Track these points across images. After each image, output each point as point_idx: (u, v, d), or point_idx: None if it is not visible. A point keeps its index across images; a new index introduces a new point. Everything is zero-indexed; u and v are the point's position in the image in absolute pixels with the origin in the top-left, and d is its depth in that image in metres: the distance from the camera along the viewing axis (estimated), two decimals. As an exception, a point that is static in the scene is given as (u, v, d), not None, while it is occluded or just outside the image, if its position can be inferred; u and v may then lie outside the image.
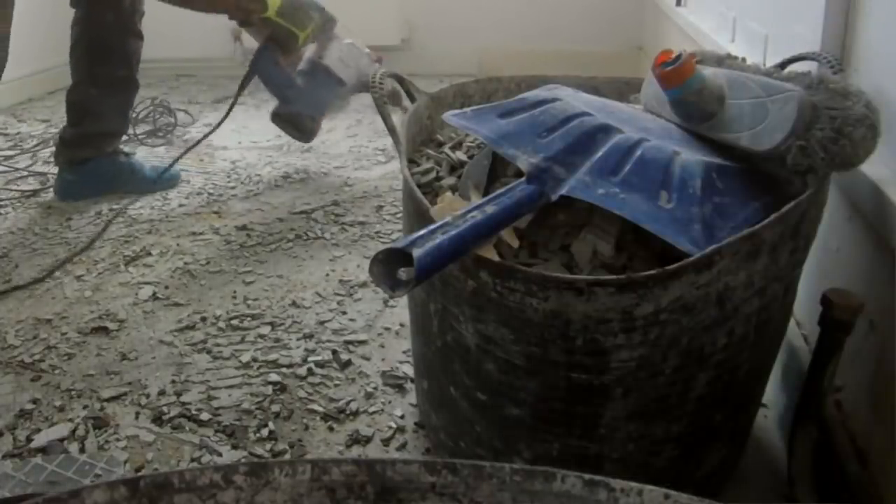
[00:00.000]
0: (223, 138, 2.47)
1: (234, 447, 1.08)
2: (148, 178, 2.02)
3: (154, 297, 1.49)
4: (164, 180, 2.05)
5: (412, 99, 1.12)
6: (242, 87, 1.99)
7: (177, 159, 2.06)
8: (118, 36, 1.91)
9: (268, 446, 1.08)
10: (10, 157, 2.30)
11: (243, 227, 1.79)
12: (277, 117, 2.04)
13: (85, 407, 1.18)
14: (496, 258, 0.79)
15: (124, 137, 2.35)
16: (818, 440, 0.90)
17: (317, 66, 2.00)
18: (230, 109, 1.99)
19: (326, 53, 2.00)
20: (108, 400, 1.19)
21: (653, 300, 0.73)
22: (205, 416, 1.15)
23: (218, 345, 1.33)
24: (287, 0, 1.85)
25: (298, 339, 1.34)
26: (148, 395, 1.20)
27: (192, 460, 1.07)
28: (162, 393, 1.20)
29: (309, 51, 2.02)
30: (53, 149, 2.03)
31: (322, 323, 1.38)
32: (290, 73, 1.99)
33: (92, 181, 1.98)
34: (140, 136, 2.42)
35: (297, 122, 2.03)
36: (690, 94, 0.89)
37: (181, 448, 1.09)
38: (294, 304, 1.45)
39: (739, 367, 0.83)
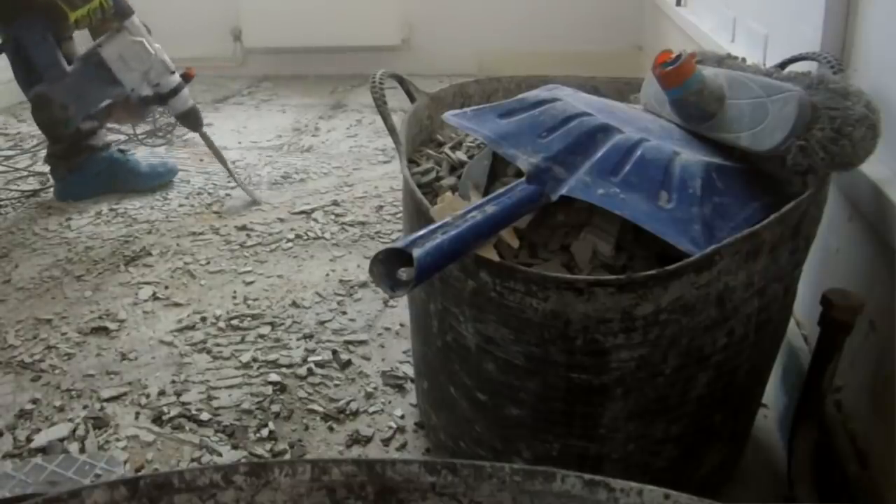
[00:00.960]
0: (223, 138, 2.47)
1: (234, 447, 1.08)
2: (145, 173, 2.02)
3: (154, 297, 1.49)
4: (160, 174, 2.04)
5: (412, 99, 1.12)
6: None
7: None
8: (45, 54, 1.81)
9: (268, 446, 1.08)
10: (10, 157, 2.30)
11: (243, 227, 1.79)
12: (34, 96, 1.80)
13: (85, 407, 1.18)
14: (496, 258, 0.79)
15: (122, 137, 2.36)
16: (818, 440, 0.90)
17: (91, 57, 1.79)
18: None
19: (107, 45, 1.78)
20: (108, 400, 1.19)
21: (653, 300, 0.73)
22: (205, 416, 1.15)
23: (218, 345, 1.33)
24: None
25: (298, 339, 1.33)
26: (148, 395, 1.20)
27: (192, 460, 1.07)
28: (162, 393, 1.20)
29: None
30: (48, 166, 2.01)
31: (322, 323, 1.38)
32: (57, 52, 1.78)
33: (91, 180, 1.98)
34: (140, 136, 2.42)
35: (46, 105, 1.77)
36: (690, 94, 0.89)
37: (181, 448, 1.09)
38: (294, 304, 1.45)
39: (739, 367, 0.83)
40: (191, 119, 1.94)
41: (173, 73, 1.87)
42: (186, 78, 1.90)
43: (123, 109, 1.89)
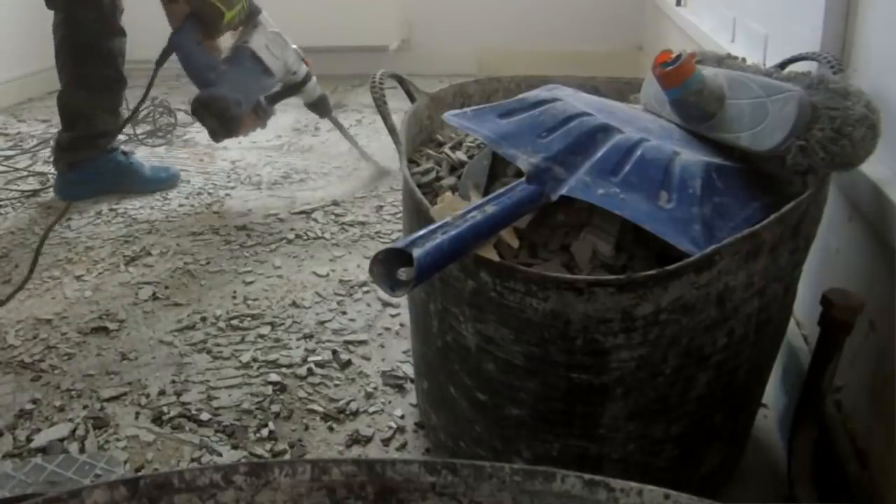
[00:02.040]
0: (223, 138, 2.47)
1: (234, 447, 1.08)
2: (147, 178, 2.02)
3: (154, 297, 1.49)
4: (162, 180, 2.05)
5: (412, 99, 1.12)
6: (159, 64, 1.82)
7: (124, 123, 1.95)
8: (100, 35, 1.89)
9: (268, 446, 1.08)
10: (10, 157, 2.30)
11: (243, 227, 1.79)
12: (199, 103, 1.79)
13: (85, 407, 1.18)
14: (496, 258, 0.79)
15: (123, 137, 2.36)
16: (818, 440, 0.90)
17: (242, 52, 1.83)
18: (147, 91, 1.86)
19: (252, 39, 1.83)
20: (108, 400, 1.19)
21: (653, 300, 0.73)
22: (205, 416, 1.15)
23: (218, 345, 1.33)
24: None
25: (298, 339, 1.34)
26: (148, 395, 1.20)
27: (192, 460, 1.07)
28: (162, 393, 1.20)
29: (229, 40, 1.87)
30: (52, 154, 2.03)
31: (322, 323, 1.38)
32: (213, 55, 1.81)
33: (92, 180, 1.98)
34: (140, 136, 2.42)
35: (221, 108, 1.77)
36: (690, 94, 0.89)
37: (181, 448, 1.09)
38: (294, 304, 1.45)
39: (739, 367, 0.83)
40: (322, 105, 2.06)
41: (304, 61, 1.96)
42: (308, 65, 2.00)
43: (252, 114, 1.91)
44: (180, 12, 1.78)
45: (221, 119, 1.79)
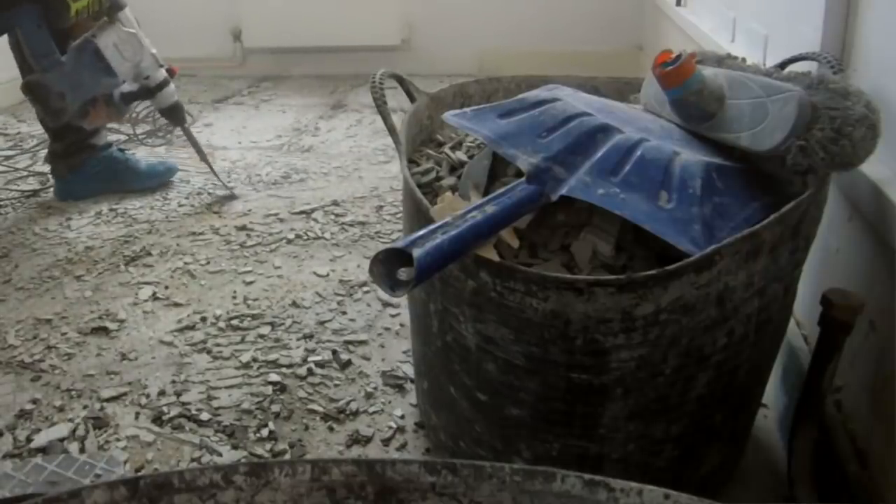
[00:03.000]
0: (223, 138, 2.47)
1: (234, 447, 1.08)
2: (144, 171, 2.02)
3: (154, 297, 1.49)
4: (159, 173, 2.05)
5: (412, 99, 1.12)
6: None
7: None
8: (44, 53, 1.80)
9: (268, 446, 1.08)
10: (10, 157, 2.30)
11: (243, 227, 1.79)
12: (25, 86, 1.78)
13: (85, 407, 1.18)
14: (496, 258, 0.79)
15: (123, 137, 2.36)
16: (818, 440, 0.90)
17: (86, 46, 1.77)
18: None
19: (101, 36, 1.77)
20: (108, 400, 1.19)
21: (653, 300, 0.73)
22: (205, 416, 1.15)
23: (218, 345, 1.33)
24: None
25: (298, 339, 1.33)
26: (148, 395, 1.20)
27: (192, 460, 1.07)
28: (162, 393, 1.20)
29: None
30: (49, 165, 2.02)
31: (322, 323, 1.38)
32: (51, 42, 1.75)
33: (91, 179, 1.98)
34: (140, 136, 2.42)
35: (42, 95, 1.75)
36: (690, 94, 0.89)
37: (181, 448, 1.09)
38: (294, 304, 1.45)
39: (739, 367, 0.83)
40: (175, 113, 1.97)
41: (161, 66, 1.88)
42: (171, 73, 1.91)
43: (103, 109, 1.87)
44: None
45: (44, 106, 1.79)
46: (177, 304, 1.46)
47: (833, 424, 0.93)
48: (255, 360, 1.28)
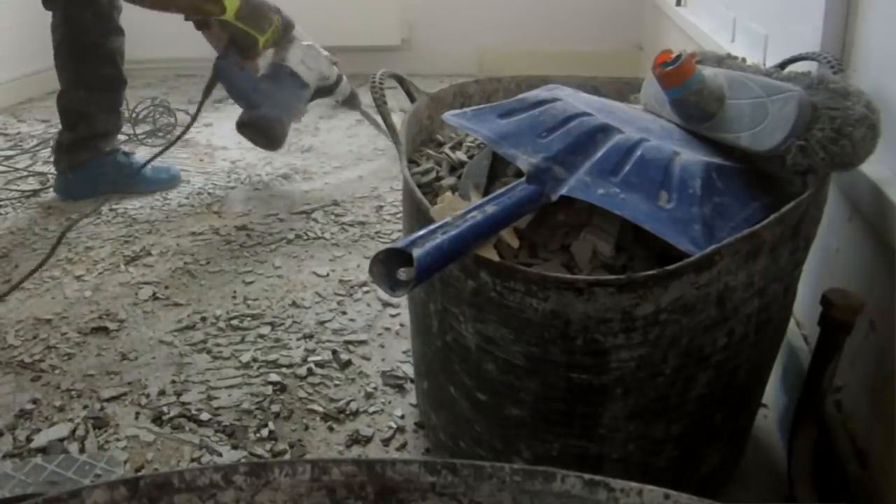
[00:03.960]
0: (223, 138, 2.47)
1: (234, 447, 1.08)
2: (148, 179, 2.02)
3: (154, 297, 1.49)
4: (163, 181, 2.05)
5: (412, 99, 1.12)
6: (206, 93, 1.96)
7: (155, 156, 2.02)
8: (99, 35, 1.90)
9: (268, 446, 1.08)
10: (10, 157, 2.30)
11: (243, 227, 1.79)
12: (244, 126, 1.95)
13: (85, 407, 1.18)
14: (496, 258, 0.79)
15: (123, 137, 2.36)
16: (818, 440, 0.90)
17: (280, 69, 1.95)
18: (196, 115, 1.98)
19: (288, 56, 1.95)
20: (108, 400, 1.19)
21: (653, 300, 0.73)
22: (205, 416, 1.15)
23: (218, 345, 1.33)
24: (246, 2, 1.79)
25: (298, 339, 1.34)
26: (148, 395, 1.20)
27: (192, 460, 1.07)
28: (162, 393, 1.20)
29: (269, 55, 1.98)
30: (53, 155, 2.03)
31: (322, 323, 1.38)
32: (254, 76, 1.94)
33: (92, 181, 1.98)
34: (140, 136, 2.42)
35: (266, 127, 1.93)
36: (690, 94, 0.89)
37: (181, 448, 1.09)
38: (294, 304, 1.45)
39: (739, 367, 0.83)
40: (352, 100, 2.19)
41: (334, 64, 2.06)
42: (338, 66, 2.09)
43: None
44: (220, 37, 1.89)
45: (267, 138, 1.96)
46: (177, 304, 1.46)
47: (833, 424, 0.93)
48: (255, 360, 1.28)
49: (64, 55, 1.93)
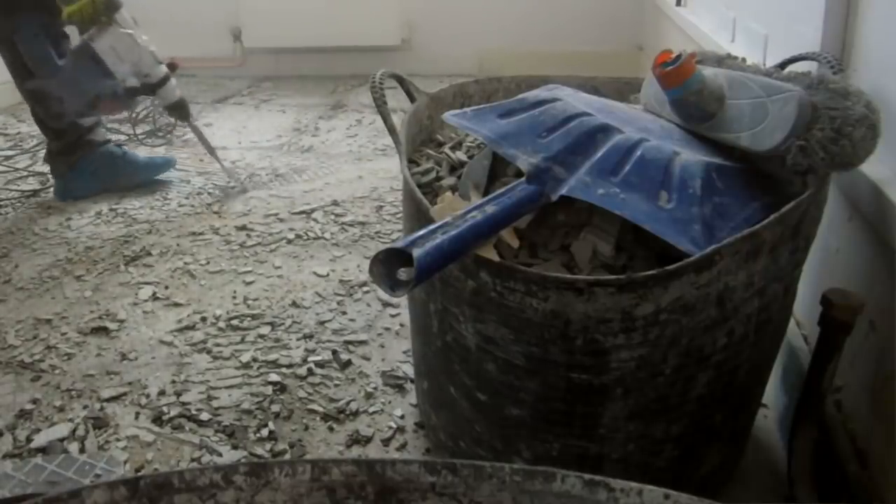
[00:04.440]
0: (223, 138, 2.47)
1: (234, 447, 1.08)
2: (143, 164, 2.03)
3: (154, 297, 1.49)
4: (158, 165, 2.05)
5: (412, 99, 1.12)
6: None
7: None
8: (43, 47, 1.84)
9: (268, 446, 1.08)
10: (10, 157, 2.30)
11: (243, 227, 1.79)
12: (26, 92, 1.91)
13: (85, 407, 1.18)
14: (496, 258, 0.79)
15: (123, 137, 2.37)
16: (818, 440, 0.90)
17: (84, 50, 1.83)
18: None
19: (98, 39, 1.83)
20: (108, 400, 1.19)
21: (653, 300, 0.73)
22: (205, 416, 1.15)
23: (218, 345, 1.33)
24: None
25: (298, 339, 1.33)
26: (148, 395, 1.20)
27: (192, 460, 1.07)
28: (162, 393, 1.20)
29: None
30: (47, 164, 2.03)
31: (322, 323, 1.38)
32: (49, 49, 1.83)
33: (89, 177, 1.98)
34: (140, 136, 2.42)
35: (43, 100, 1.87)
36: (690, 94, 0.89)
37: (181, 448, 1.09)
38: (294, 304, 1.45)
39: (739, 367, 0.83)
40: (180, 109, 1.99)
41: (161, 63, 1.91)
42: (172, 68, 1.94)
43: (111, 101, 1.91)
44: None
45: (44, 111, 1.89)
46: (177, 304, 1.46)
47: (833, 424, 0.93)
48: (255, 360, 1.28)
49: (19, 77, 1.91)
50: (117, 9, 1.83)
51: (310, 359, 1.27)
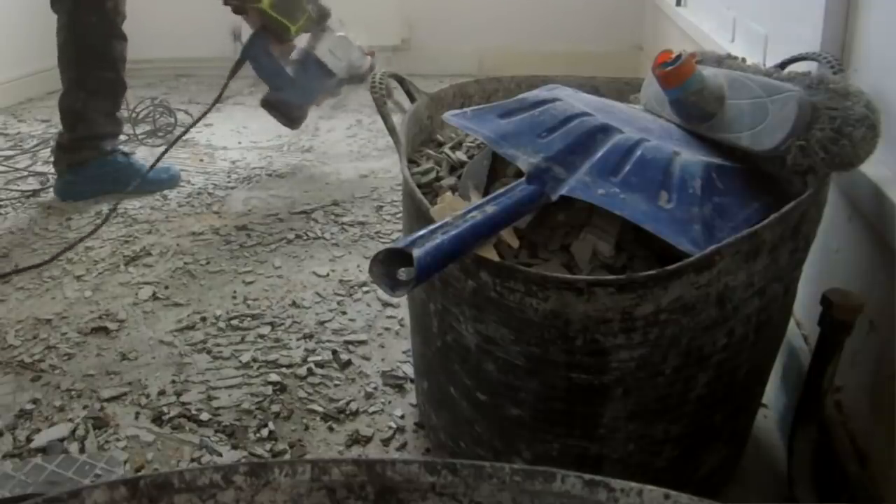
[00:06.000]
0: (223, 138, 2.47)
1: (234, 447, 1.08)
2: (148, 179, 2.02)
3: (154, 297, 1.49)
4: (163, 181, 2.05)
5: (412, 99, 1.12)
6: (233, 72, 2.07)
7: (168, 148, 2.03)
8: (102, 39, 1.93)
9: (268, 446, 1.08)
10: (10, 157, 2.30)
11: (243, 227, 1.79)
12: (267, 103, 2.11)
13: (85, 407, 1.18)
14: (496, 258, 0.79)
15: (123, 137, 2.36)
16: (818, 440, 0.90)
17: (308, 58, 2.08)
18: (220, 94, 2.04)
19: (318, 45, 2.07)
20: (108, 400, 1.19)
21: (653, 300, 0.73)
22: (205, 416, 1.15)
23: (218, 345, 1.33)
24: None
25: (298, 339, 1.33)
26: (148, 395, 1.20)
27: (192, 460, 1.07)
28: (162, 393, 1.20)
29: (303, 41, 2.10)
30: (52, 154, 2.04)
31: (322, 323, 1.38)
32: (280, 62, 2.07)
33: (92, 181, 1.98)
34: (140, 136, 2.42)
35: (284, 109, 2.11)
36: (690, 94, 0.89)
37: (181, 448, 1.09)
38: (294, 304, 1.45)
39: (739, 367, 0.83)
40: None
41: (367, 56, 2.17)
42: (371, 56, 2.20)
43: (325, 96, 2.21)
44: (255, 21, 2.03)
45: (286, 118, 2.14)
46: (177, 304, 1.46)
47: (833, 424, 0.93)
48: (255, 360, 1.28)
49: (67, 57, 1.94)
50: (328, 17, 2.09)
51: (310, 359, 1.27)
